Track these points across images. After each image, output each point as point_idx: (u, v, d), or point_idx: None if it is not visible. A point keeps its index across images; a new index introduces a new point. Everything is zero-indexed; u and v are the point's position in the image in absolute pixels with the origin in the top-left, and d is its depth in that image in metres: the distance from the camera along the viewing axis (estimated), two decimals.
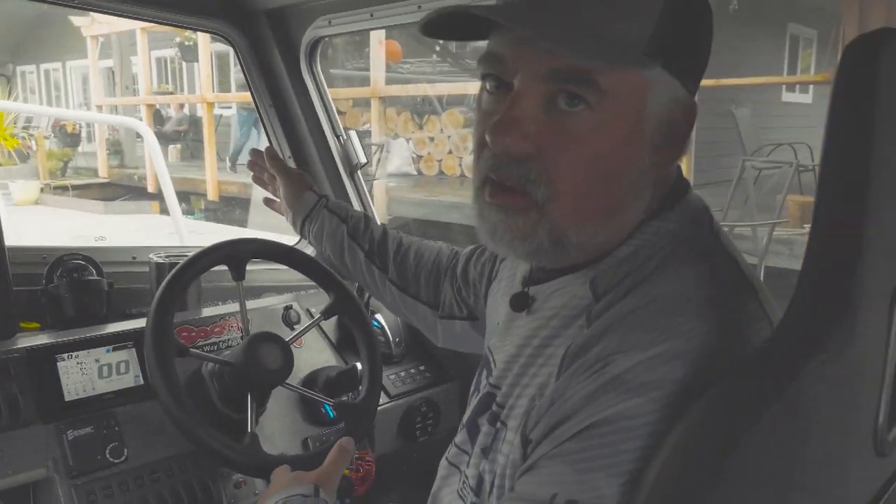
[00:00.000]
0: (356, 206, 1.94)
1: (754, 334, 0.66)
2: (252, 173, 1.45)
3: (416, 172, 9.00)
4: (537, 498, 0.63)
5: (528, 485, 0.66)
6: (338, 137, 1.90)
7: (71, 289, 1.41)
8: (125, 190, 11.67)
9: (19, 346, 1.24)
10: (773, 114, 9.25)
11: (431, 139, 8.93)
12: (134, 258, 1.65)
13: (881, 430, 0.60)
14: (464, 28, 0.69)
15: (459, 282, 1.15)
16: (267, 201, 1.44)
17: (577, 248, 0.71)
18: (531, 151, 0.66)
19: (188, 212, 9.91)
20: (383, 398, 1.54)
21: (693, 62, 0.70)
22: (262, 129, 1.95)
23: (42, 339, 1.29)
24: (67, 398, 1.22)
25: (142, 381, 1.30)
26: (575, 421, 0.64)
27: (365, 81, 8.15)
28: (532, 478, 0.66)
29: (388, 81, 8.09)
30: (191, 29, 2.29)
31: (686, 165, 5.96)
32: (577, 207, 0.68)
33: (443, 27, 0.70)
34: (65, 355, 1.25)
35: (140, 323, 1.39)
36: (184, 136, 12.31)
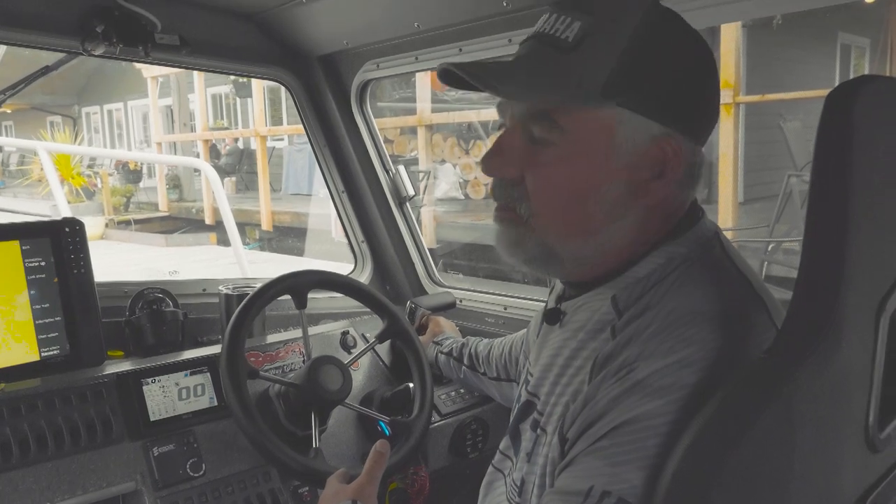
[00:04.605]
0: (405, 235, 2.06)
1: (762, 343, 0.74)
2: None
3: (463, 197, 9.12)
4: (576, 490, 0.72)
5: (567, 479, 0.75)
6: (387, 172, 2.02)
7: (151, 320, 1.56)
8: (184, 223, 12.11)
9: (109, 372, 1.39)
10: None
11: (478, 163, 9.02)
12: (204, 290, 1.79)
13: (872, 429, 0.67)
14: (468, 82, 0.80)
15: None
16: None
17: (572, 261, 0.83)
18: (516, 176, 0.82)
19: (243, 242, 10.20)
20: (435, 416, 1.64)
21: (660, 100, 0.76)
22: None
23: (127, 366, 1.43)
24: (152, 418, 1.36)
25: (216, 402, 1.43)
26: (605, 421, 0.73)
27: (411, 112, 8.35)
28: (570, 473, 0.75)
29: (435, 110, 8.27)
30: (250, 76, 2.45)
31: (732, 182, 5.93)
32: (554, 223, 0.81)
33: (453, 78, 0.80)
34: (149, 380, 1.39)
35: (212, 349, 1.53)
36: (238, 168, 12.72)
